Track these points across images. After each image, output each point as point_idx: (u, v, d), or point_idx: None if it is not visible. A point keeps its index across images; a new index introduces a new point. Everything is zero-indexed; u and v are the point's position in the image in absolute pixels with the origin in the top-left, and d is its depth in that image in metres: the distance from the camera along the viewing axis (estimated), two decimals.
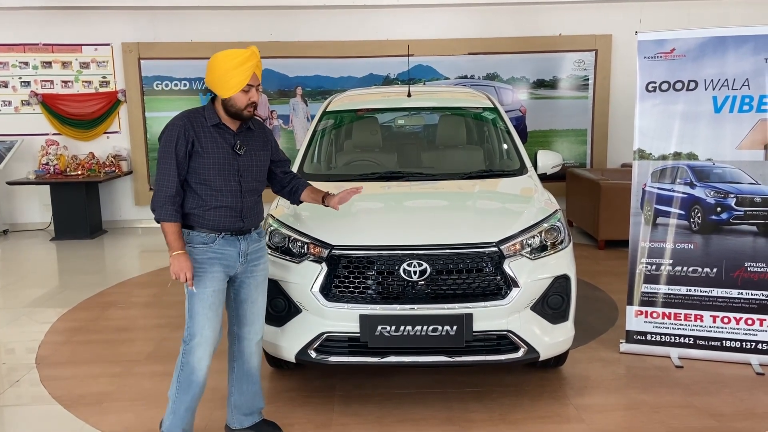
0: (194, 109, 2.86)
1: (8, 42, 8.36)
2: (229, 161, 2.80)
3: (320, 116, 4.69)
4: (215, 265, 2.82)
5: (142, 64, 8.44)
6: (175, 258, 2.72)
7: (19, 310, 5.29)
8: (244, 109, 2.77)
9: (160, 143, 2.79)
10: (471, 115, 4.87)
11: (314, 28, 8.43)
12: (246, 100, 2.76)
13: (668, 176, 3.95)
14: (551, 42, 8.47)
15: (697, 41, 3.80)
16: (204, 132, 2.78)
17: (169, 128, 2.77)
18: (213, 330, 2.84)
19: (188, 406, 2.91)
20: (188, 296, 2.82)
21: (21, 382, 3.88)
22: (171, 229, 2.74)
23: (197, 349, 2.83)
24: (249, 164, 2.88)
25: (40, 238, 8.16)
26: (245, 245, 2.90)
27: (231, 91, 2.72)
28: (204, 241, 2.81)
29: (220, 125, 2.81)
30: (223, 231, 2.83)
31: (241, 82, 2.71)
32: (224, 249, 2.83)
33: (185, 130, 2.74)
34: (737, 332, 3.87)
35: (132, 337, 4.59)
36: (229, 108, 2.77)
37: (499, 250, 3.17)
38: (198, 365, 2.85)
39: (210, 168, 2.77)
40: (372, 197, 3.84)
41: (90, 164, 8.28)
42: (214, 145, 2.78)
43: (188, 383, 2.87)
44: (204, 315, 2.81)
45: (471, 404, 3.43)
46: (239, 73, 2.70)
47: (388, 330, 3.09)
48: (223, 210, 2.81)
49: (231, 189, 2.82)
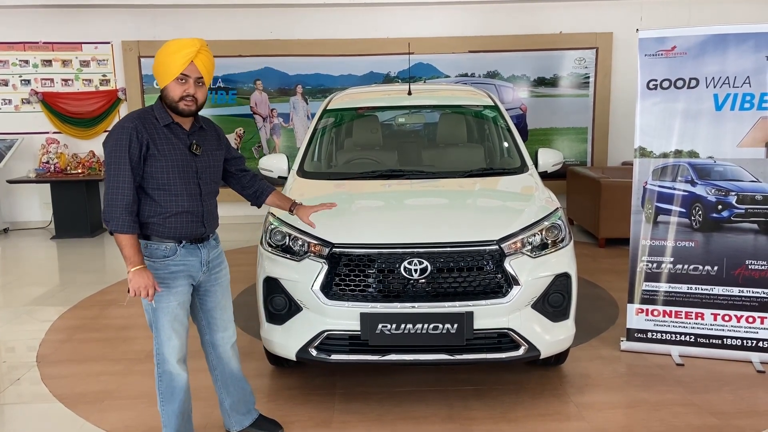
0: (143, 110, 2.69)
1: (8, 40, 8.36)
2: (187, 162, 2.66)
3: (320, 114, 4.69)
4: (178, 278, 2.71)
5: (143, 63, 8.43)
6: (135, 274, 2.55)
7: (19, 308, 5.29)
8: (178, 101, 2.59)
9: (106, 149, 2.58)
10: (472, 113, 4.87)
11: (314, 26, 8.42)
12: (180, 92, 2.58)
13: (669, 174, 3.95)
14: (552, 40, 8.46)
15: (698, 39, 3.79)
16: (157, 133, 2.61)
17: (118, 131, 2.57)
18: (180, 338, 2.77)
19: (178, 413, 2.85)
20: (151, 310, 2.71)
21: (22, 380, 3.89)
22: (128, 241, 2.55)
23: (169, 358, 2.76)
24: (206, 165, 2.76)
25: (41, 237, 8.16)
26: (206, 253, 2.80)
27: (166, 79, 2.59)
28: (165, 254, 2.68)
29: (173, 125, 2.66)
30: (184, 239, 2.71)
31: (176, 69, 2.55)
32: (186, 260, 2.72)
33: (137, 132, 2.56)
34: (738, 330, 3.87)
35: (132, 336, 4.59)
36: (165, 99, 2.63)
37: (500, 248, 3.17)
38: (175, 371, 2.79)
39: (168, 171, 2.61)
40: (372, 195, 3.84)
41: (90, 163, 8.27)
42: (170, 146, 2.63)
43: (171, 391, 2.81)
44: (170, 327, 2.72)
45: (471, 402, 3.43)
46: (174, 60, 2.55)
47: (388, 328, 3.09)
48: (184, 216, 2.68)
49: (191, 192, 2.68)
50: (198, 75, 2.61)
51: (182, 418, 2.88)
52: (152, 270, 2.65)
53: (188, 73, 2.59)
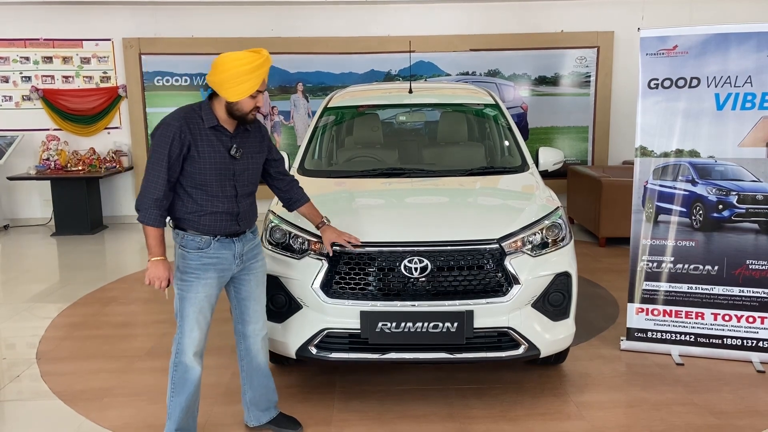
0: (190, 109, 2.72)
1: (9, 36, 8.35)
2: (225, 165, 2.71)
3: (321, 112, 4.68)
4: (209, 271, 2.76)
5: (143, 60, 8.43)
6: (153, 264, 2.67)
7: (19, 305, 5.29)
8: (249, 113, 2.69)
9: (152, 140, 2.67)
10: (472, 111, 4.86)
11: (316, 23, 8.42)
12: (252, 105, 2.68)
13: (670, 173, 3.94)
14: (553, 39, 8.46)
15: (699, 38, 3.78)
16: (201, 135, 2.66)
17: (164, 128, 2.64)
18: (201, 332, 2.82)
19: (184, 407, 2.87)
20: (179, 298, 2.78)
21: (21, 377, 3.89)
22: (153, 233, 2.66)
23: (188, 349, 2.81)
24: (245, 167, 2.80)
25: (41, 234, 8.16)
26: (240, 246, 2.84)
27: (240, 95, 2.62)
28: (199, 246, 2.73)
29: (218, 127, 2.70)
30: (219, 234, 2.76)
31: (252, 87, 2.62)
32: (219, 253, 2.77)
33: (181, 132, 2.62)
34: (738, 330, 3.86)
35: (133, 333, 4.59)
36: (234, 112, 2.68)
37: (500, 247, 3.16)
38: (191, 364, 2.83)
39: (206, 173, 2.68)
40: (373, 194, 3.83)
41: (91, 160, 8.27)
42: (211, 148, 2.68)
43: (183, 382, 2.85)
44: (194, 318, 2.77)
45: (471, 401, 3.43)
46: (251, 78, 2.60)
47: (388, 326, 3.09)
48: (219, 215, 2.74)
49: (227, 194, 2.74)
50: (265, 87, 2.75)
51: (187, 412, 2.90)
52: (184, 260, 2.74)
53: (261, 88, 2.69)
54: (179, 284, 2.77)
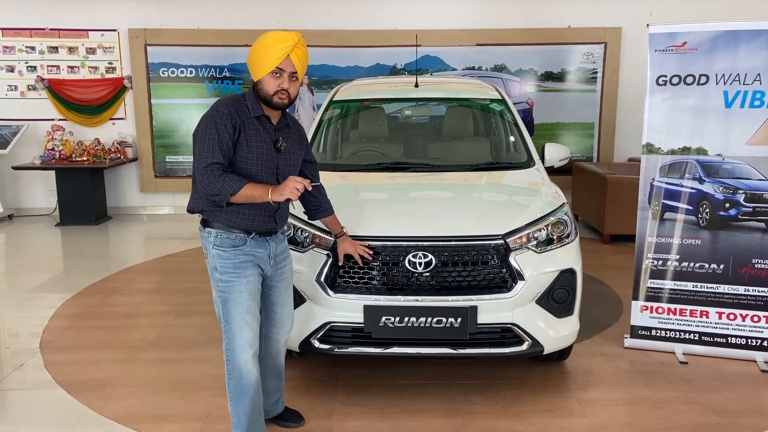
0: (236, 97, 2.66)
1: (15, 26, 8.35)
2: (271, 157, 2.64)
3: (326, 106, 4.67)
4: (249, 267, 2.67)
5: (149, 51, 8.41)
6: (274, 191, 2.49)
7: (23, 294, 5.30)
8: (273, 95, 2.58)
9: (197, 133, 2.57)
10: (478, 106, 4.84)
11: (321, 16, 8.39)
12: (275, 86, 2.57)
13: (677, 171, 3.92)
14: (560, 34, 8.41)
15: (709, 35, 3.75)
16: (249, 122, 2.60)
17: (213, 114, 2.56)
18: (253, 330, 2.71)
19: (249, 411, 2.76)
20: (222, 302, 2.67)
21: (25, 366, 3.90)
22: (247, 190, 2.48)
23: (240, 352, 2.69)
24: (288, 162, 2.74)
25: (45, 224, 8.17)
26: (274, 246, 2.78)
27: (261, 72, 2.57)
28: (234, 244, 2.64)
29: (263, 117, 2.65)
30: (254, 231, 2.67)
31: (271, 63, 2.54)
32: (255, 251, 2.69)
33: (232, 117, 2.55)
34: (743, 329, 3.85)
35: (136, 324, 4.60)
36: (259, 92, 2.61)
37: (505, 243, 3.15)
38: (245, 367, 2.71)
39: (253, 162, 2.60)
40: (377, 188, 3.82)
41: (95, 150, 8.27)
42: (258, 138, 2.61)
43: (240, 389, 2.74)
44: (241, 318, 2.67)
45: (474, 396, 3.43)
46: (270, 53, 2.53)
47: (392, 321, 3.08)
48: (258, 209, 2.64)
49: None
50: (293, 70, 2.60)
51: (253, 416, 2.79)
52: (221, 259, 2.64)
53: (284, 67, 2.58)
54: (219, 286, 2.66)
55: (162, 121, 8.57)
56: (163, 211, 8.81)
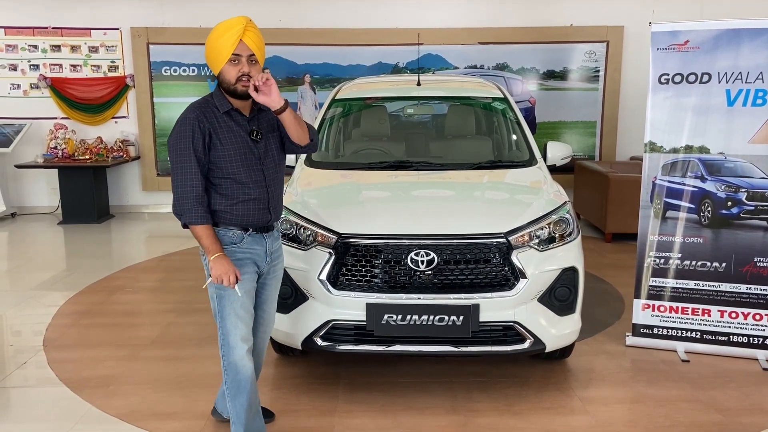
0: (203, 99, 2.67)
1: (18, 25, 8.36)
2: (249, 149, 2.64)
3: (329, 104, 4.67)
4: (245, 266, 2.69)
5: (151, 49, 8.42)
6: (215, 261, 2.55)
7: (26, 292, 5.31)
8: (235, 83, 2.56)
9: (171, 139, 2.60)
10: (480, 105, 4.84)
11: (324, 15, 8.39)
12: (235, 73, 2.55)
13: (679, 169, 3.92)
14: (562, 33, 8.40)
15: (711, 33, 3.75)
16: (218, 121, 2.61)
17: (180, 123, 2.59)
18: (247, 326, 2.73)
19: (246, 406, 2.76)
20: (217, 299, 2.69)
21: (28, 364, 3.91)
22: (204, 231, 2.57)
23: (236, 348, 2.70)
24: (267, 149, 2.73)
25: (48, 222, 8.19)
26: (270, 243, 2.78)
27: (219, 64, 2.56)
28: (232, 241, 2.66)
29: (232, 111, 2.64)
30: (251, 227, 2.70)
31: (227, 51, 2.53)
32: (252, 248, 2.71)
33: (199, 122, 2.56)
34: (745, 327, 3.85)
35: (139, 322, 4.61)
36: (222, 85, 2.60)
37: (507, 241, 3.15)
38: (240, 363, 2.72)
39: (232, 160, 2.61)
40: (380, 186, 3.83)
41: (98, 149, 8.29)
42: (231, 134, 2.62)
43: (237, 384, 2.74)
44: (235, 315, 2.68)
45: (476, 394, 3.43)
46: (222, 42, 2.53)
47: (394, 319, 3.09)
48: (251, 203, 2.66)
49: (255, 179, 2.67)
50: (249, 52, 2.58)
51: (251, 410, 2.79)
52: None
53: (239, 52, 2.56)
54: (215, 284, 2.65)
55: (164, 119, 8.58)
56: (165, 210, 8.82)
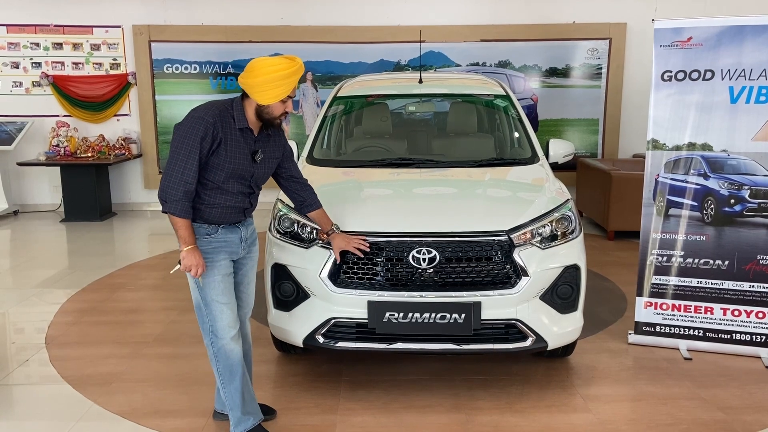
0: (223, 107, 2.73)
1: (20, 22, 8.36)
2: (246, 168, 2.76)
3: (330, 102, 4.67)
4: (220, 253, 2.80)
5: (153, 47, 8.42)
6: (188, 253, 2.68)
7: (28, 290, 5.32)
8: (278, 117, 2.75)
9: (179, 130, 2.66)
10: (482, 102, 4.83)
11: (325, 12, 8.38)
12: (282, 110, 2.73)
13: (682, 167, 3.91)
14: (565, 30, 8.38)
15: (714, 30, 3.73)
16: (231, 134, 2.70)
17: (197, 121, 2.64)
18: (231, 310, 2.83)
19: (240, 390, 2.86)
20: (198, 288, 2.80)
21: (30, 361, 3.91)
22: (183, 224, 2.68)
23: (224, 333, 2.81)
24: (263, 171, 2.87)
25: (50, 220, 8.20)
26: (245, 230, 2.90)
27: (272, 99, 2.67)
28: (207, 232, 2.78)
29: (246, 130, 2.75)
30: (224, 223, 2.82)
31: (284, 92, 2.67)
32: (227, 237, 2.82)
33: (215, 129, 2.64)
34: (747, 325, 3.84)
35: (141, 319, 4.62)
36: (264, 115, 2.73)
37: (509, 239, 3.15)
38: (229, 347, 2.82)
39: (228, 172, 2.72)
40: (381, 184, 3.82)
41: (100, 146, 8.30)
42: (238, 150, 2.72)
43: (229, 369, 2.84)
44: (218, 301, 2.79)
45: (478, 392, 3.43)
46: (284, 84, 2.65)
47: (396, 317, 3.09)
48: (229, 209, 2.80)
49: (243, 191, 2.81)
50: (295, 94, 2.78)
51: (245, 395, 2.89)
52: None
53: (292, 94, 2.74)
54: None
55: (166, 117, 8.58)
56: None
